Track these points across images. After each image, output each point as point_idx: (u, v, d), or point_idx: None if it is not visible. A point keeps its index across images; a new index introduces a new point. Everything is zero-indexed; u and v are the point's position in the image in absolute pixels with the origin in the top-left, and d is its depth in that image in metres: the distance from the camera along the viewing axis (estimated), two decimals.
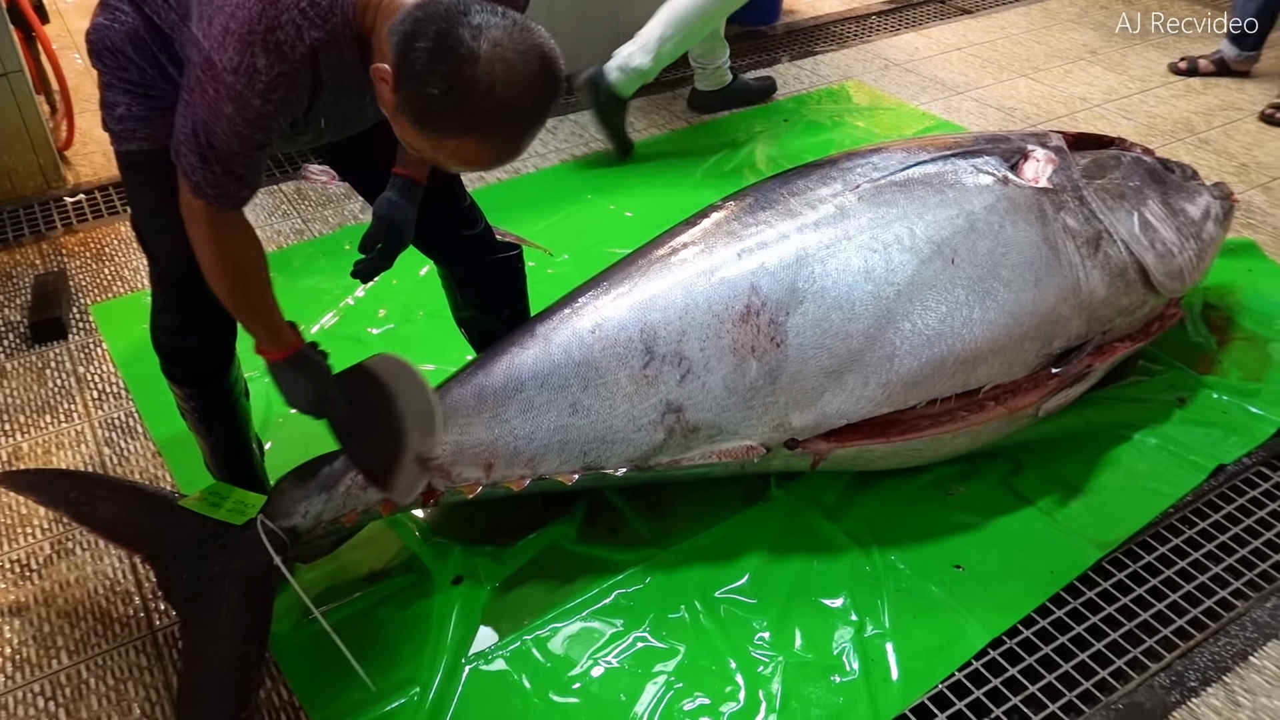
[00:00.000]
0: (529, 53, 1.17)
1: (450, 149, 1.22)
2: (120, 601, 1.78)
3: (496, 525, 1.89)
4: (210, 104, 1.24)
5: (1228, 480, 2.03)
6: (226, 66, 1.21)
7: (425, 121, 1.19)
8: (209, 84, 1.23)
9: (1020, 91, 3.67)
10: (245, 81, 1.22)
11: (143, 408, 2.20)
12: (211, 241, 1.39)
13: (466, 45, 1.14)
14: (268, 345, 1.49)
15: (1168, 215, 2.10)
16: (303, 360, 1.52)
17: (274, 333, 1.49)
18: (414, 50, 1.15)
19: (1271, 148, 3.27)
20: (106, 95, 1.46)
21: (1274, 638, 1.72)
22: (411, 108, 1.19)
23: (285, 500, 1.65)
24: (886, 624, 1.72)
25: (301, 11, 1.21)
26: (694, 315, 1.73)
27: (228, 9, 1.22)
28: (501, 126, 1.20)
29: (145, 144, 1.47)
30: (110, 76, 1.45)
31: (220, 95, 1.23)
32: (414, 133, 1.22)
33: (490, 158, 1.25)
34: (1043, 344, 1.89)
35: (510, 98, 1.17)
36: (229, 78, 1.22)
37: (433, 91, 1.15)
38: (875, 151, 2.02)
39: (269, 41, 1.21)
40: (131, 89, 1.44)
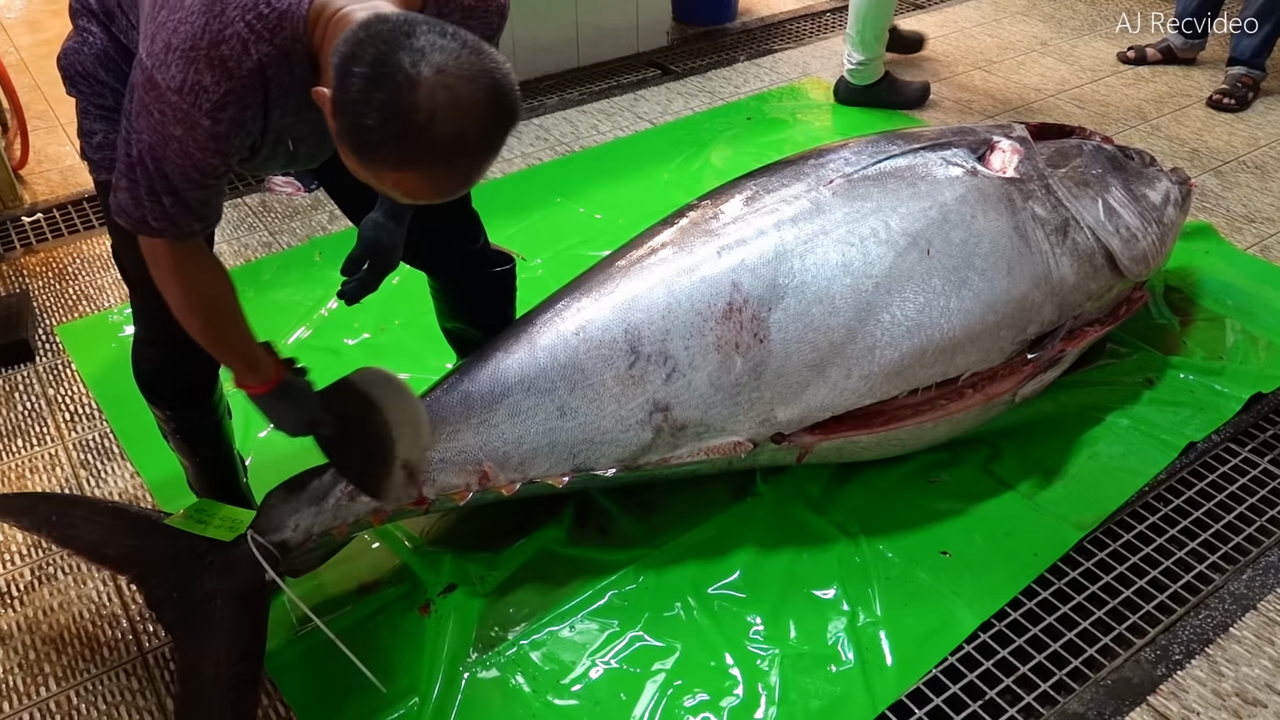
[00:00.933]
0: (477, 79, 1.06)
1: (391, 181, 1.13)
2: (107, 625, 1.75)
3: (487, 532, 1.89)
4: (157, 127, 1.17)
5: (1198, 458, 2.08)
6: (170, 85, 1.14)
7: (362, 153, 1.10)
8: (153, 106, 1.16)
9: (975, 84, 3.73)
10: (192, 100, 1.14)
11: (118, 427, 2.17)
12: (176, 280, 1.31)
13: (405, 72, 1.03)
14: (249, 380, 1.44)
15: (1130, 201, 2.15)
16: (285, 389, 1.47)
17: (252, 366, 1.43)
18: (351, 75, 1.05)
19: (1220, 132, 3.36)
20: (83, 123, 1.41)
21: (1251, 609, 1.77)
22: (349, 137, 1.09)
23: (275, 515, 1.63)
24: (878, 612, 1.74)
25: (248, 25, 1.13)
26: (677, 314, 1.74)
27: (170, 24, 1.15)
28: (444, 159, 1.09)
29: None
30: (86, 103, 1.40)
31: (167, 117, 1.16)
32: (354, 162, 1.13)
33: (433, 191, 1.14)
34: (1017, 331, 1.93)
35: (453, 129, 1.06)
36: (174, 97, 1.14)
37: (368, 121, 1.05)
38: (845, 146, 2.04)
39: (213, 57, 1.13)
40: (108, 114, 1.39)
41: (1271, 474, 2.04)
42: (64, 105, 3.60)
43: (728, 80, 3.76)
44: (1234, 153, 3.24)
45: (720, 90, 3.69)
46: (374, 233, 1.58)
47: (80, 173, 3.18)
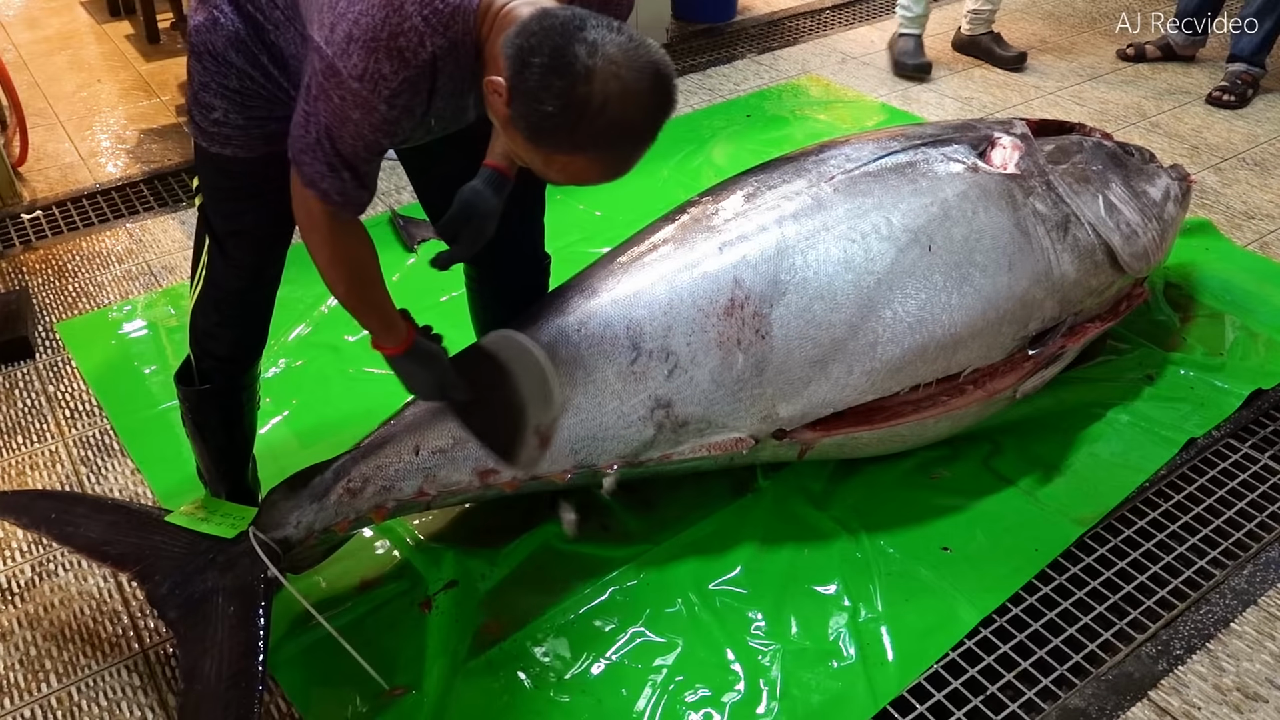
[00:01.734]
0: (643, 70, 1.16)
1: (560, 165, 1.22)
2: (108, 621, 1.75)
3: (488, 527, 1.89)
4: (336, 111, 1.24)
5: (1199, 453, 2.08)
6: (352, 74, 1.21)
7: (538, 138, 1.19)
8: (334, 91, 1.23)
9: (976, 81, 3.73)
10: (371, 88, 1.21)
11: (118, 424, 2.17)
12: (330, 245, 1.39)
13: (582, 62, 1.12)
14: (385, 340, 1.51)
15: (1130, 197, 2.15)
16: (420, 351, 1.54)
17: (390, 327, 1.50)
18: (529, 66, 1.14)
19: (1220, 129, 3.36)
20: (202, 95, 1.44)
21: (1252, 604, 1.77)
22: (525, 124, 1.18)
23: (277, 511, 1.64)
24: (880, 608, 1.74)
25: (424, 19, 1.20)
26: (679, 310, 1.74)
27: (350, 16, 1.20)
28: (613, 144, 1.20)
29: (240, 151, 1.47)
30: (208, 79, 1.43)
31: (346, 102, 1.23)
32: (525, 147, 1.22)
33: (599, 175, 1.24)
34: (1019, 327, 1.93)
35: (623, 116, 1.16)
36: (355, 84, 1.21)
37: (547, 109, 1.14)
38: (846, 143, 2.04)
39: (393, 48, 1.20)
40: (230, 95, 1.43)
41: (1272, 470, 2.04)
42: (62, 102, 3.61)
43: (727, 78, 3.76)
44: (1233, 149, 3.24)
45: (720, 88, 3.68)
46: (472, 195, 1.61)
47: (79, 170, 3.18)
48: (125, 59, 3.94)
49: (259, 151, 1.48)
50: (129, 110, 3.55)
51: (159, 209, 2.96)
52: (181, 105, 3.57)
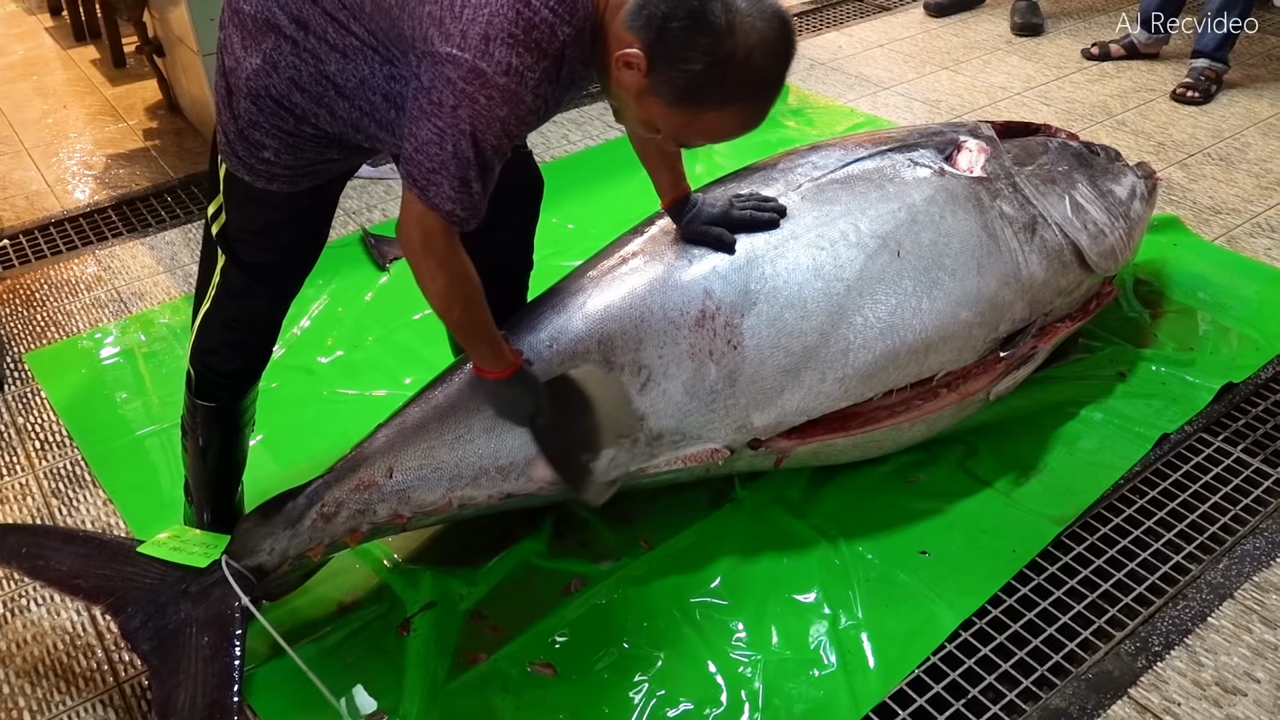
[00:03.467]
0: (772, 18, 1.24)
1: (707, 122, 1.28)
2: (82, 655, 1.73)
3: (466, 547, 1.88)
4: (483, 112, 1.25)
5: (1172, 449, 2.10)
6: (498, 71, 1.23)
7: (685, 98, 1.25)
8: (479, 93, 1.24)
9: (943, 84, 3.76)
10: (518, 81, 1.24)
11: (89, 454, 2.14)
12: (447, 268, 1.39)
13: (721, 18, 1.20)
14: (493, 364, 1.51)
15: (1097, 197, 2.17)
16: (523, 376, 1.55)
17: (497, 351, 1.51)
18: (668, 30, 1.21)
19: (1185, 126, 3.40)
20: (251, 133, 1.44)
21: (1228, 598, 1.78)
22: (670, 87, 1.24)
23: (250, 539, 1.62)
24: (859, 615, 1.74)
25: (552, 10, 1.24)
26: (650, 323, 1.74)
27: (481, 18, 1.23)
28: (756, 93, 1.27)
29: (285, 186, 1.48)
30: (261, 119, 1.42)
31: (494, 101, 1.25)
32: (664, 111, 1.27)
33: (741, 126, 1.31)
34: (989, 329, 1.93)
35: (763, 64, 1.24)
36: (501, 80, 1.23)
37: (695, 67, 1.21)
38: (813, 150, 2.05)
39: (529, 41, 1.24)
40: (283, 137, 1.43)
41: (1244, 463, 2.06)
42: (28, 129, 3.58)
43: None
44: (1199, 145, 3.27)
45: None
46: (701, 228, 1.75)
47: (46, 197, 3.15)
48: (91, 84, 3.92)
49: (303, 186, 1.50)
50: (96, 136, 3.52)
51: (128, 235, 2.94)
52: (149, 129, 3.55)
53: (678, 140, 1.35)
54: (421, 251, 1.38)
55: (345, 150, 1.48)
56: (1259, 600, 1.77)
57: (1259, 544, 1.88)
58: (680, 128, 1.30)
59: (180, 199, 3.11)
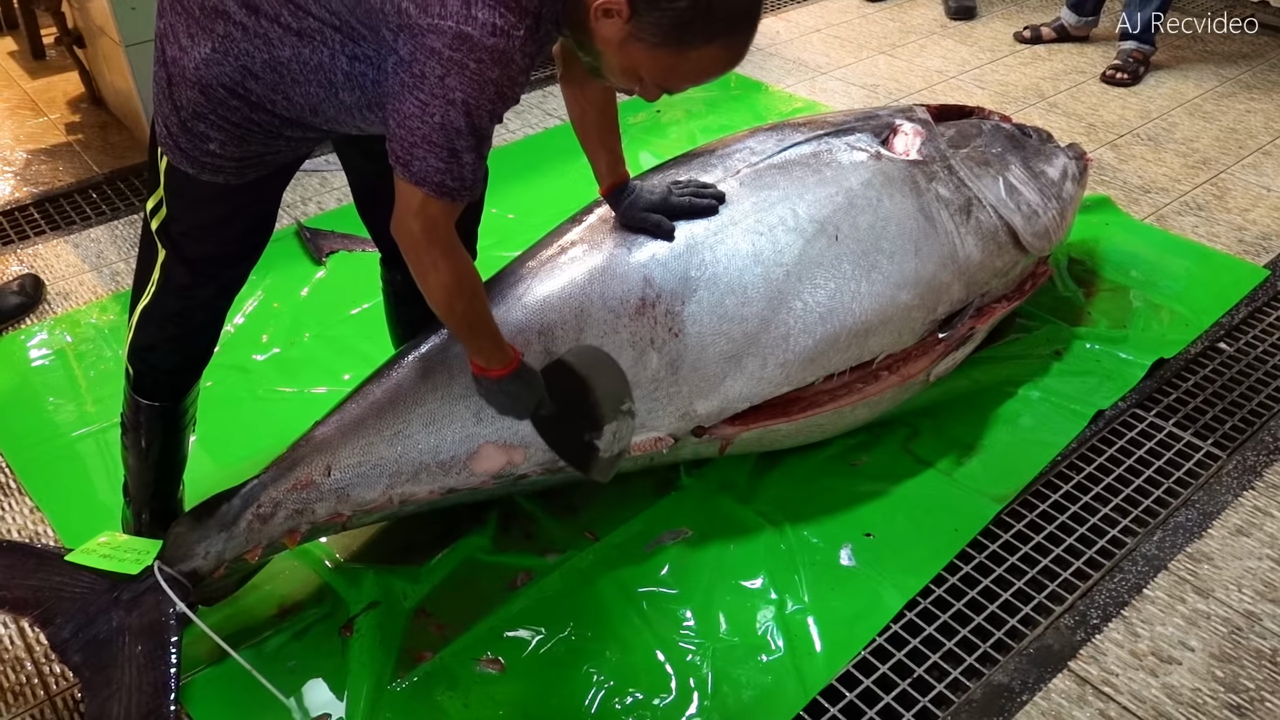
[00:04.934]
0: None
1: (694, 60, 1.28)
2: (10, 669, 1.67)
3: (408, 544, 1.85)
4: (473, 78, 1.23)
5: (1107, 425, 2.14)
6: (485, 32, 1.21)
7: (671, 38, 1.24)
8: (467, 59, 1.22)
9: (880, 68, 3.78)
10: (506, 40, 1.23)
11: (13, 462, 2.07)
12: (450, 258, 1.36)
13: None
14: (494, 360, 1.48)
15: (1030, 178, 2.20)
16: (524, 371, 1.51)
17: (500, 345, 1.49)
18: None
19: (1114, 107, 3.46)
20: (195, 125, 1.38)
21: (1163, 569, 1.82)
22: (655, 29, 1.24)
23: (183, 543, 1.58)
24: (805, 599, 1.75)
25: None
26: (590, 313, 1.72)
27: None
28: (740, 25, 1.28)
29: (232, 178, 1.44)
30: (207, 110, 1.37)
31: (484, 63, 1.22)
32: (649, 56, 1.27)
33: (725, 64, 1.31)
34: (928, 311, 1.95)
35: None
36: (490, 40, 1.22)
37: (679, 5, 1.21)
38: (751, 135, 2.05)
39: (509, 1, 1.23)
40: (230, 128, 1.38)
41: (1176, 436, 2.11)
42: None
43: None
44: (1128, 126, 3.33)
45: None
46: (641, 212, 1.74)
47: None
48: (9, 77, 3.78)
49: (249, 178, 1.46)
50: (15, 130, 3.40)
51: (51, 233, 2.84)
52: (72, 123, 3.43)
53: (663, 86, 1.33)
54: (424, 242, 1.34)
55: (294, 140, 1.44)
56: (1192, 571, 1.82)
57: (1191, 516, 1.93)
58: (666, 71, 1.29)
59: (106, 195, 3.02)
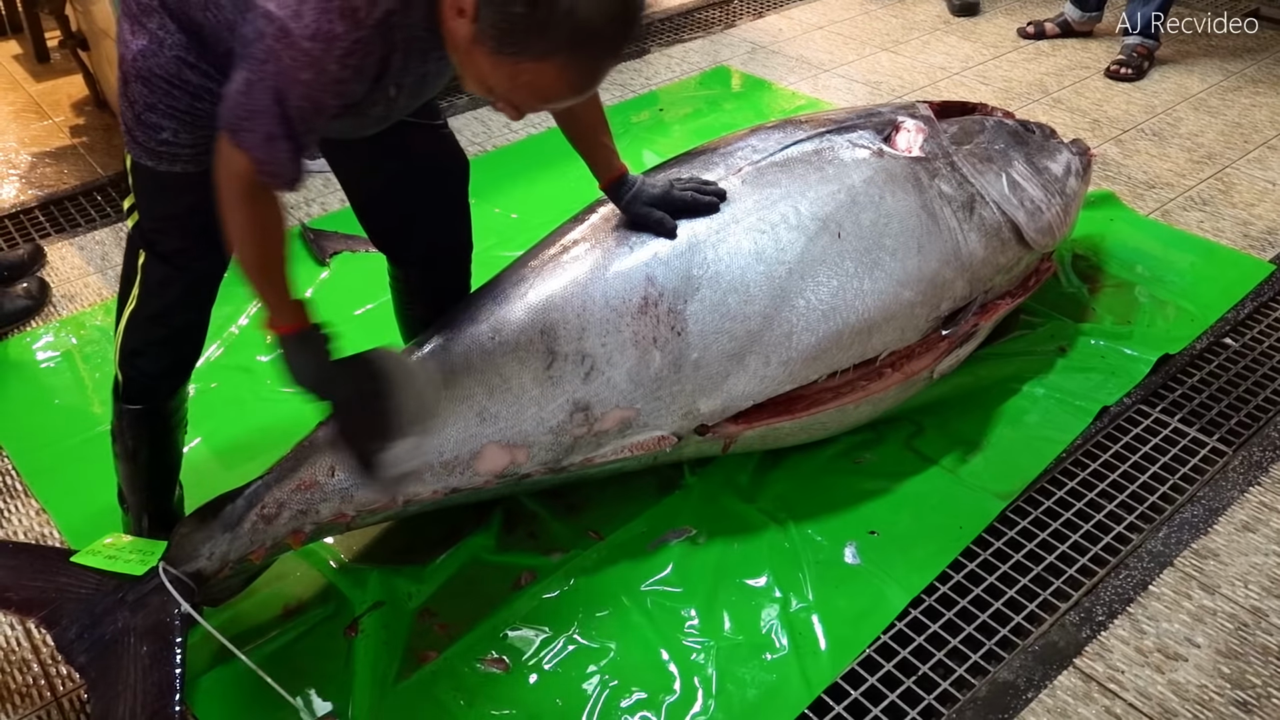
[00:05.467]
0: None
1: (529, 76, 1.21)
2: (17, 671, 1.68)
3: (412, 544, 1.85)
4: (286, 72, 1.22)
5: (1112, 421, 2.13)
6: (303, 34, 1.20)
7: (506, 44, 1.18)
8: (284, 53, 1.21)
9: (883, 65, 3.78)
10: (323, 48, 1.20)
11: (20, 465, 2.08)
12: (248, 203, 1.34)
13: None
14: (281, 317, 1.46)
15: (1033, 174, 2.19)
16: (311, 336, 1.49)
17: (287, 303, 1.46)
18: None
19: (1119, 102, 3.45)
20: (147, 116, 1.41)
21: (1168, 565, 1.82)
22: (493, 32, 1.18)
23: (187, 544, 1.58)
24: (810, 597, 1.75)
25: None
26: (592, 311, 1.72)
27: None
28: (581, 49, 1.19)
29: (189, 167, 1.45)
30: (155, 100, 1.40)
31: (298, 63, 1.21)
32: (490, 63, 1.21)
33: (566, 87, 1.23)
34: (931, 308, 1.95)
35: (591, 17, 1.16)
36: (306, 44, 1.20)
37: (516, 10, 1.15)
38: (753, 133, 2.04)
39: (345, 8, 1.20)
40: (179, 115, 1.40)
41: (1181, 432, 2.10)
42: None
43: (639, 72, 3.75)
44: (1133, 121, 3.32)
45: (631, 83, 3.67)
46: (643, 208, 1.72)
47: None
48: (14, 80, 3.79)
49: (207, 165, 1.44)
50: (20, 133, 3.41)
51: (55, 235, 2.85)
52: (76, 126, 3.44)
53: (508, 100, 1.27)
54: (227, 184, 1.34)
55: None
56: (1198, 567, 1.81)
57: (1197, 511, 1.92)
58: (506, 81, 1.23)
59: (110, 197, 3.03)
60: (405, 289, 1.93)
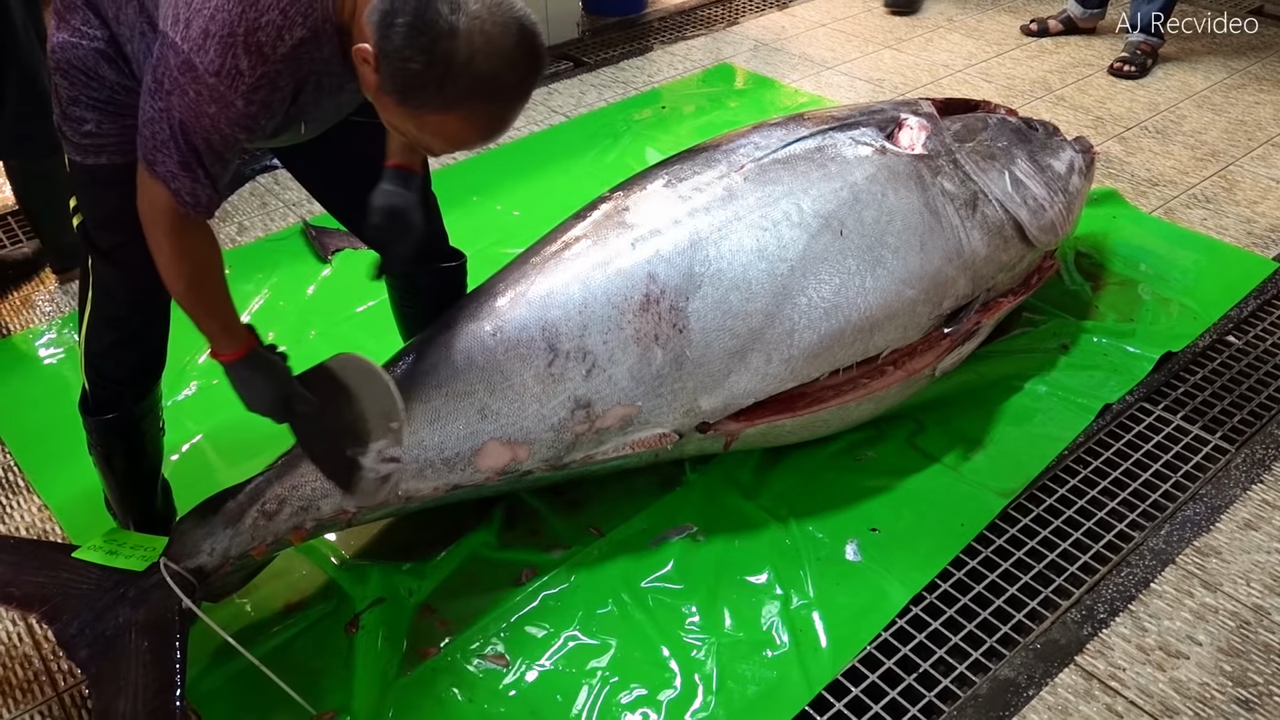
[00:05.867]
0: (508, 26, 1.18)
1: (434, 126, 1.23)
2: (19, 666, 1.68)
3: (414, 541, 1.85)
4: (191, 105, 1.23)
5: (1114, 419, 2.13)
6: (209, 69, 1.20)
7: (407, 98, 1.20)
8: (189, 86, 1.22)
9: (886, 62, 3.77)
10: (229, 84, 1.21)
11: (21, 459, 2.08)
12: (172, 239, 1.35)
13: (445, 19, 1.15)
14: (224, 346, 1.46)
15: (1036, 172, 2.19)
16: (259, 360, 1.49)
17: (229, 330, 1.46)
18: (393, 26, 1.16)
19: (1122, 99, 3.44)
20: (72, 110, 1.41)
21: (1170, 563, 1.81)
22: (393, 85, 1.19)
23: (189, 540, 1.58)
24: (811, 594, 1.75)
25: (282, 11, 1.20)
26: (593, 308, 1.72)
27: (206, 11, 1.20)
28: (483, 100, 1.21)
29: (116, 157, 1.44)
30: (77, 93, 1.40)
31: (203, 97, 1.22)
32: (398, 113, 1.23)
33: (474, 134, 1.25)
34: (933, 305, 1.94)
35: (490, 70, 1.18)
36: (211, 80, 1.21)
37: (413, 66, 1.16)
38: (755, 130, 2.04)
39: (250, 43, 1.20)
40: (100, 106, 1.40)
41: (1184, 430, 2.09)
42: None
43: (641, 70, 3.75)
44: (1136, 119, 3.32)
45: (634, 80, 3.67)
46: (385, 198, 1.58)
47: None
48: None
49: (132, 156, 1.43)
50: None
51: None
52: None
53: (416, 142, 1.29)
54: (150, 220, 1.35)
55: None
56: (1200, 565, 1.81)
57: (1199, 509, 1.92)
58: (412, 130, 1.25)
59: None
60: (399, 289, 1.91)
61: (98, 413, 1.64)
